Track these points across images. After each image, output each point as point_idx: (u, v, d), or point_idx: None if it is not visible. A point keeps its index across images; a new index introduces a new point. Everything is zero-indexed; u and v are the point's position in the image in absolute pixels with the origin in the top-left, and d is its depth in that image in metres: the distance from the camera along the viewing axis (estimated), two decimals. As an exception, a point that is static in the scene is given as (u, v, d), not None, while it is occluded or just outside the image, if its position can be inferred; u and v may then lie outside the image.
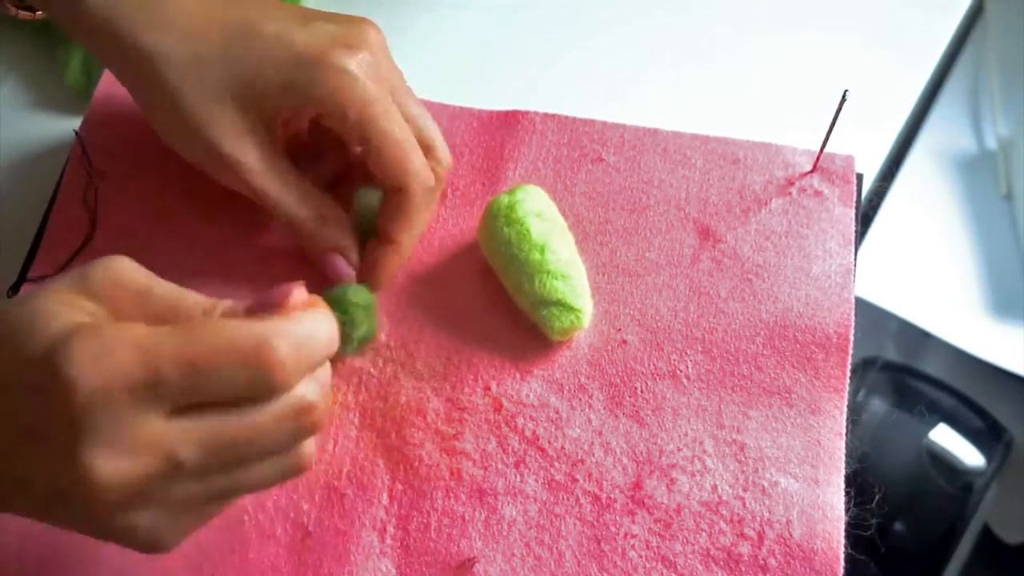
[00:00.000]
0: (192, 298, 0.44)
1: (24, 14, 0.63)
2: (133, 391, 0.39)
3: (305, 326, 0.42)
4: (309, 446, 0.45)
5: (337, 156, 0.61)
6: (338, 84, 0.53)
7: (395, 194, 0.56)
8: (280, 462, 0.44)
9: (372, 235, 0.58)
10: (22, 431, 0.41)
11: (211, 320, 0.42)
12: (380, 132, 0.54)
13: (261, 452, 0.43)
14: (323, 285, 0.59)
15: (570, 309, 0.56)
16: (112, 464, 0.39)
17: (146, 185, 0.63)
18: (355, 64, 0.54)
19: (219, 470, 0.42)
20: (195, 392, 0.40)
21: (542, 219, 0.57)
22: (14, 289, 0.60)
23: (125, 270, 0.43)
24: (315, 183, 0.58)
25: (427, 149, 0.57)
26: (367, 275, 0.58)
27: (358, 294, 0.55)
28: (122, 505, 0.40)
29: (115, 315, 0.42)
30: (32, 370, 0.40)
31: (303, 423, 0.43)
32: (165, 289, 0.44)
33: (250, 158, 0.55)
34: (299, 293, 0.43)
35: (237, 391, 0.40)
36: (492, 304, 0.59)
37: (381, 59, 0.56)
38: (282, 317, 0.42)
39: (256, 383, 0.40)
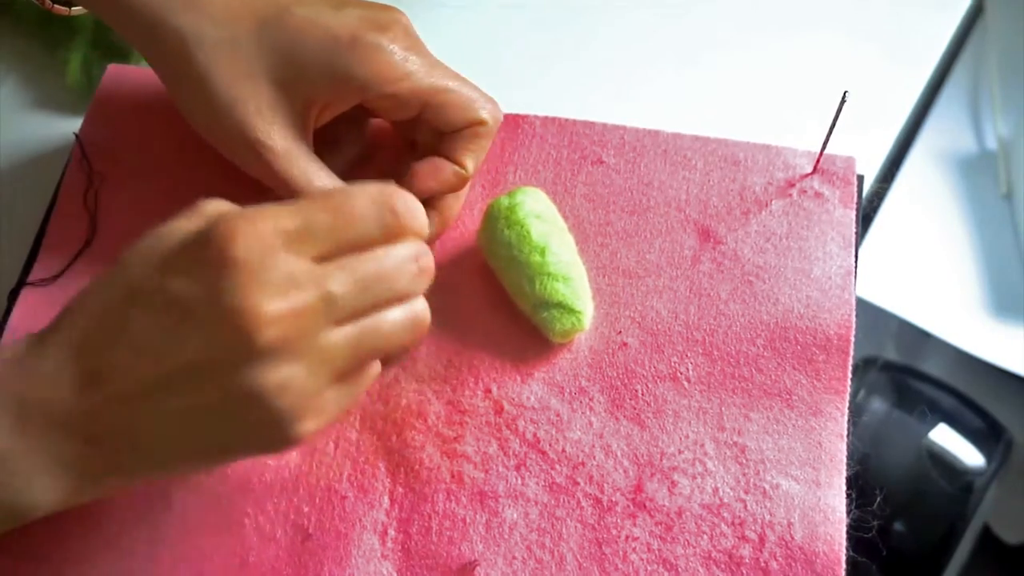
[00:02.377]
0: None
1: (60, 9, 0.63)
2: (285, 235, 0.43)
3: (407, 194, 0.47)
4: (424, 304, 0.49)
5: (354, 146, 0.62)
6: (378, 62, 0.55)
7: (470, 127, 0.58)
8: (407, 312, 0.47)
9: None
10: (174, 312, 0.43)
11: (342, 186, 0.48)
12: (438, 89, 0.56)
13: (394, 293, 0.47)
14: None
15: (571, 311, 0.56)
16: (272, 300, 0.42)
17: (146, 186, 0.63)
18: (387, 40, 0.55)
19: (362, 311, 0.46)
20: (339, 235, 0.45)
21: (542, 221, 0.57)
22: (15, 292, 0.60)
23: (230, 205, 0.47)
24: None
25: (469, 105, 0.58)
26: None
27: None
28: (279, 349, 0.43)
29: None
30: (184, 253, 0.44)
31: (424, 265, 0.48)
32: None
33: (276, 141, 0.55)
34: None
35: (369, 234, 0.46)
36: (493, 306, 0.59)
37: (413, 38, 0.57)
38: (390, 186, 0.47)
39: (388, 222, 0.46)
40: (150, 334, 0.44)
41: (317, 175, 0.56)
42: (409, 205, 0.47)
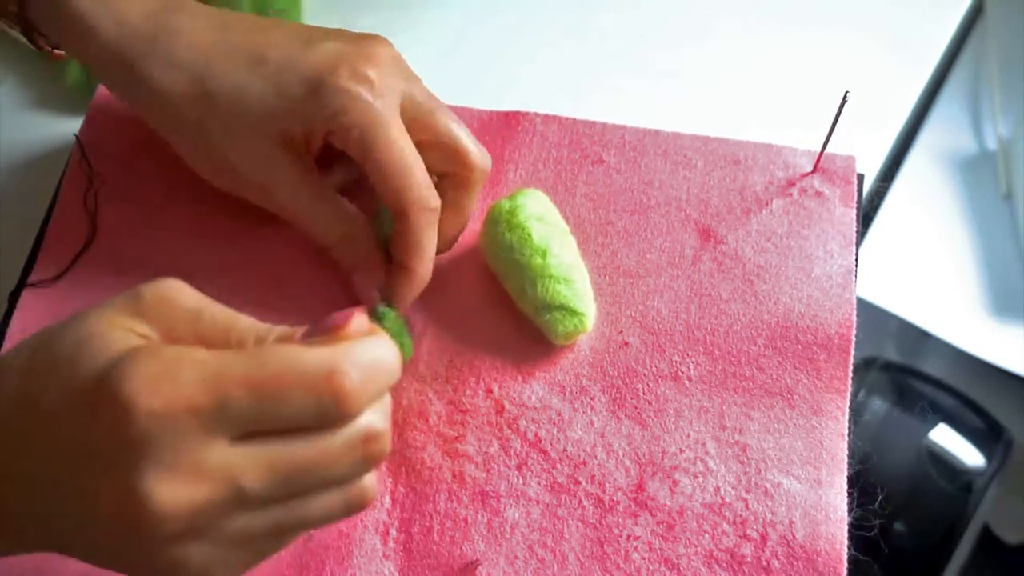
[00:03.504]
0: (245, 321, 0.42)
1: (58, 53, 0.63)
2: (197, 414, 0.38)
3: (372, 352, 0.40)
4: (371, 478, 0.43)
5: (348, 166, 0.61)
6: (341, 106, 0.53)
7: (398, 217, 0.55)
8: (343, 495, 0.42)
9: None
10: (73, 458, 0.39)
11: (277, 345, 0.40)
12: (377, 155, 0.53)
13: (326, 482, 0.41)
14: (331, 287, 0.59)
15: (573, 313, 0.56)
16: (172, 491, 0.37)
17: (146, 188, 0.63)
18: (356, 82, 0.53)
19: (282, 500, 0.40)
20: (262, 418, 0.38)
21: (543, 223, 0.57)
22: (15, 294, 0.60)
23: (177, 290, 0.42)
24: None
25: (452, 153, 0.57)
26: (389, 298, 0.57)
27: (389, 318, 0.55)
28: (178, 536, 0.38)
29: (168, 338, 0.41)
30: (87, 393, 0.38)
31: (371, 451, 0.41)
32: (217, 311, 0.42)
33: (276, 180, 0.55)
34: (360, 319, 0.42)
35: (305, 418, 0.39)
36: (494, 307, 0.59)
37: (388, 72, 0.55)
38: (349, 342, 0.40)
39: (326, 411, 0.39)
40: (48, 463, 0.40)
41: (327, 205, 0.56)
42: (368, 375, 0.40)
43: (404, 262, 0.56)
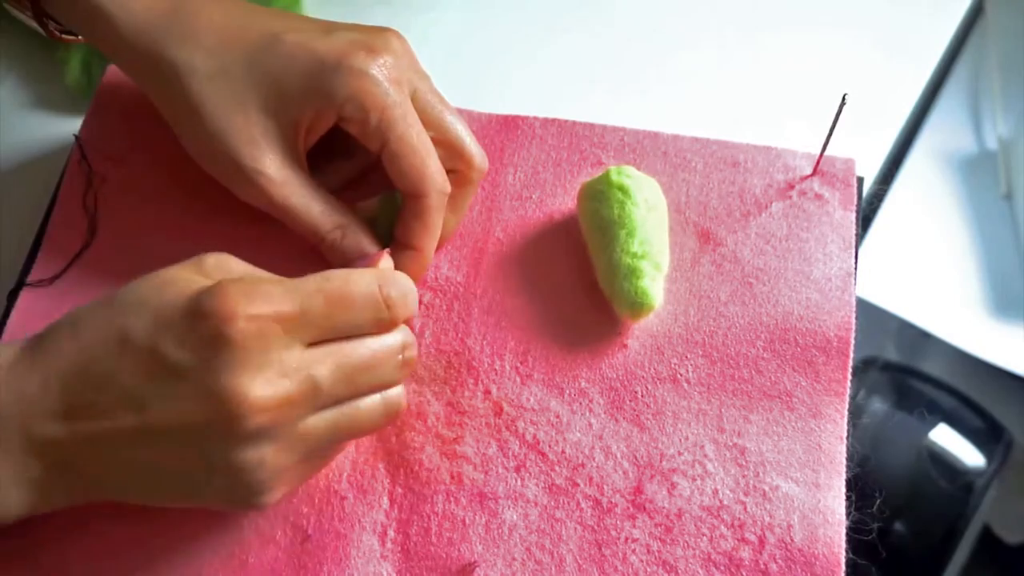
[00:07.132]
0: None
1: (68, 37, 0.63)
2: (282, 320, 0.45)
3: (402, 278, 0.50)
4: (401, 390, 0.51)
5: (352, 160, 0.62)
6: (359, 87, 0.54)
7: (413, 200, 0.56)
8: (384, 401, 0.50)
9: (390, 241, 0.58)
10: (164, 376, 0.45)
11: (333, 270, 0.48)
12: (398, 136, 0.55)
13: (374, 383, 0.49)
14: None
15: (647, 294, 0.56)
16: (264, 387, 0.44)
17: (146, 188, 0.63)
18: (375, 67, 0.54)
19: (343, 400, 0.48)
20: (332, 323, 0.47)
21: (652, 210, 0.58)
22: (13, 294, 0.60)
23: (229, 257, 0.50)
24: (329, 186, 0.59)
25: (456, 152, 0.58)
26: None
27: None
28: (260, 432, 0.45)
29: None
30: (181, 315, 0.45)
31: (407, 356, 0.50)
32: (264, 273, 0.50)
33: (271, 169, 0.55)
34: (386, 259, 0.52)
35: (363, 323, 0.48)
36: (492, 308, 0.59)
37: (403, 63, 0.56)
38: (383, 270, 0.50)
39: (380, 315, 0.48)
40: (138, 387, 0.45)
41: (315, 200, 0.57)
42: (404, 293, 0.49)
43: (415, 243, 0.57)
